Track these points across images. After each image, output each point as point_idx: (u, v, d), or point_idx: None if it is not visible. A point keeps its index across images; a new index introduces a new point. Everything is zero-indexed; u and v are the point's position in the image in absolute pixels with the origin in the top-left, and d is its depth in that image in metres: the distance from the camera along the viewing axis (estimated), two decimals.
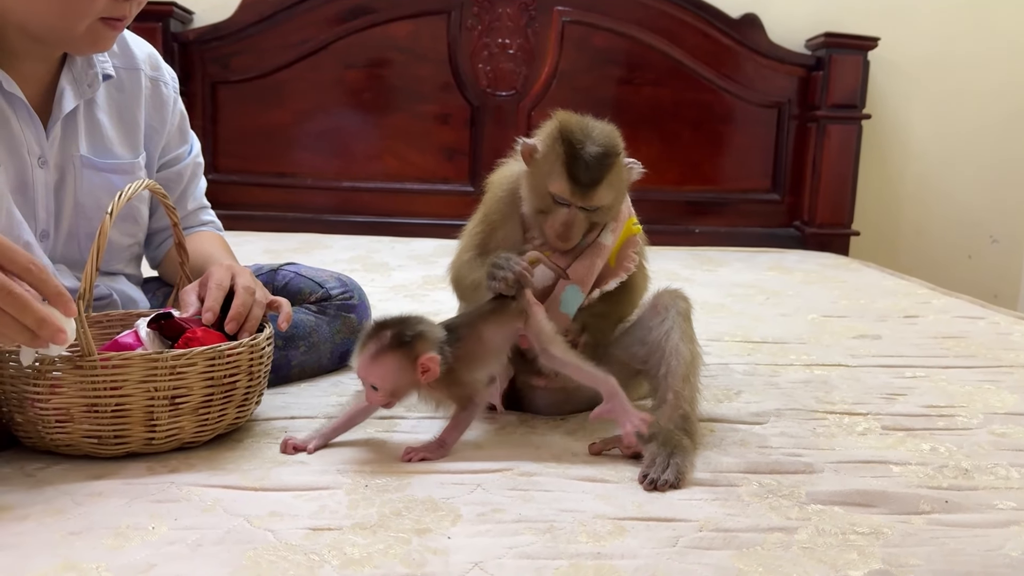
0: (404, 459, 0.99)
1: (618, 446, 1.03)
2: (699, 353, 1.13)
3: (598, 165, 1.07)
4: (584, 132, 1.08)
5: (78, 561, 0.74)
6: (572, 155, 1.07)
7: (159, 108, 1.28)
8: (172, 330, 1.02)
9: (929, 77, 3.17)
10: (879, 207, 3.21)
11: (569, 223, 1.09)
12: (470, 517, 0.85)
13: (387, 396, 1.01)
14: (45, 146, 1.12)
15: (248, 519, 0.83)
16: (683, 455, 0.98)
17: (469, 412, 1.05)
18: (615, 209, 1.14)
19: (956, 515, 0.90)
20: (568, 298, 1.13)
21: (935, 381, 1.40)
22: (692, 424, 1.06)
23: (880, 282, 2.40)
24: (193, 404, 0.98)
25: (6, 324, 0.83)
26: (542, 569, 0.76)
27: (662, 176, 3.01)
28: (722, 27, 2.98)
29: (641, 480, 0.95)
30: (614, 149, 1.09)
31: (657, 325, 1.13)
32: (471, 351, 1.04)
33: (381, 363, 0.99)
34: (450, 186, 2.93)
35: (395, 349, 0.98)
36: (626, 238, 1.17)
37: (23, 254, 0.84)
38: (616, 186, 1.11)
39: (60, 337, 0.85)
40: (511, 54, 2.92)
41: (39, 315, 0.83)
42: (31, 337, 0.85)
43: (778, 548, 0.81)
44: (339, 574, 0.73)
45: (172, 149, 1.32)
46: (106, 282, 1.24)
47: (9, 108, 1.09)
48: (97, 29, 1.06)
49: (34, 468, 0.95)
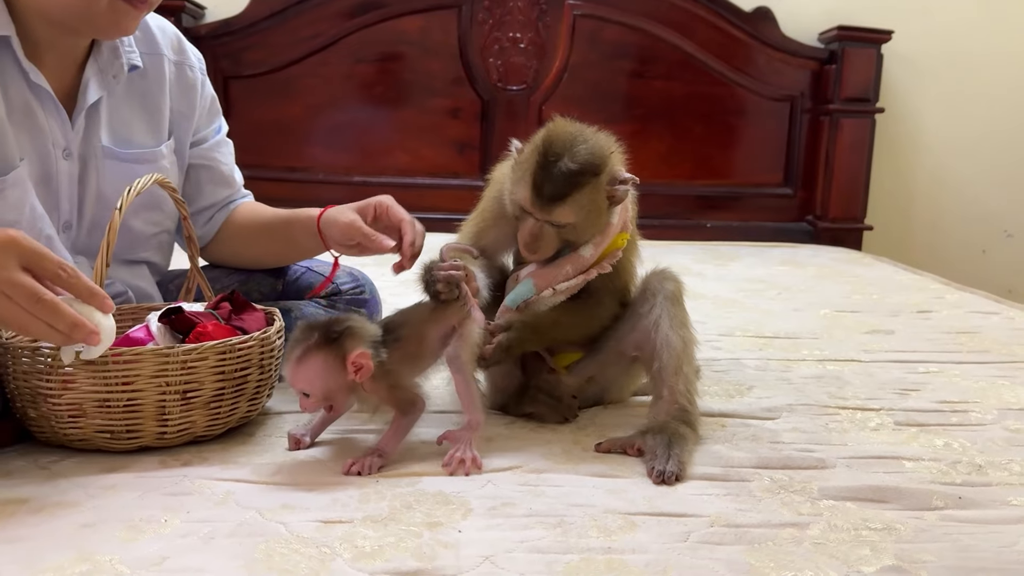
0: (343, 473, 0.93)
1: (626, 448, 1.02)
2: (691, 338, 1.10)
3: (564, 182, 1.02)
4: (565, 146, 1.03)
5: (92, 553, 0.75)
6: (542, 167, 1.02)
7: (186, 93, 1.28)
8: (183, 324, 1.02)
9: (943, 71, 3.15)
10: (892, 201, 3.19)
11: (536, 235, 1.05)
12: (481, 511, 0.85)
13: (320, 401, 0.96)
14: (70, 137, 1.13)
15: (260, 512, 0.83)
16: (681, 444, 0.99)
17: (410, 417, 0.99)
18: (591, 229, 1.07)
19: (969, 511, 0.89)
20: (517, 290, 1.09)
21: (949, 376, 1.39)
22: (690, 415, 1.06)
23: (893, 277, 2.39)
24: (205, 398, 0.98)
25: (40, 330, 0.85)
26: (553, 563, 0.75)
27: (673, 170, 3.00)
28: (734, 20, 2.97)
29: (650, 473, 0.95)
30: (591, 168, 1.03)
31: (646, 312, 1.11)
32: (411, 352, 0.99)
33: (308, 365, 0.93)
34: (460, 180, 2.93)
35: (321, 348, 0.93)
36: (609, 252, 1.11)
37: (53, 258, 0.85)
38: (587, 206, 1.04)
39: (93, 339, 0.87)
40: (522, 48, 2.91)
41: (71, 320, 0.85)
42: (65, 339, 0.86)
43: (790, 543, 0.81)
44: (351, 567, 0.73)
45: (202, 129, 1.32)
46: (124, 276, 1.24)
47: (35, 100, 1.09)
48: (118, 8, 1.04)
49: (47, 461, 0.95)
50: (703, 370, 1.35)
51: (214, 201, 1.34)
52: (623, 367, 1.16)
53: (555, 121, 1.08)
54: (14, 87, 1.06)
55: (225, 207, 1.35)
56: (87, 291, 0.87)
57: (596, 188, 1.04)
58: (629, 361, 1.14)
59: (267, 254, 1.34)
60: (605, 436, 1.06)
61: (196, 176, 1.32)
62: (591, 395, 1.20)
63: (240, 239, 1.33)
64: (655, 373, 1.09)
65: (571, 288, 1.09)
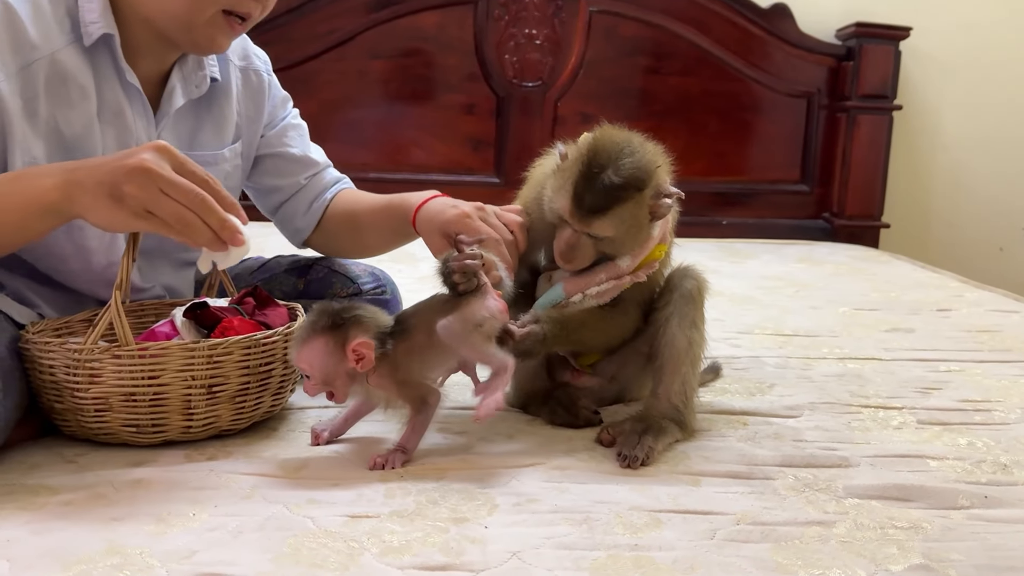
0: (368, 468, 0.93)
1: (600, 435, 1.04)
2: (699, 340, 1.09)
3: (606, 195, 0.99)
4: (611, 157, 1.00)
5: (122, 546, 0.75)
6: (585, 178, 1.00)
7: (253, 97, 1.28)
8: (208, 319, 1.03)
9: (961, 68, 3.12)
10: (909, 199, 3.17)
11: (572, 245, 1.03)
12: (506, 507, 0.85)
13: (320, 384, 0.95)
14: (154, 137, 1.14)
15: (287, 506, 0.84)
16: (656, 435, 1.01)
17: (424, 415, 0.97)
18: (630, 243, 1.05)
19: (996, 510, 0.89)
20: (548, 294, 1.08)
21: (970, 375, 1.39)
22: (681, 414, 1.06)
23: (911, 274, 2.38)
24: (230, 392, 0.99)
25: (193, 226, 0.90)
26: (580, 559, 0.76)
27: (689, 167, 2.94)
28: (751, 16, 2.95)
29: (617, 457, 0.98)
30: (635, 183, 1.00)
31: (661, 308, 1.10)
32: (419, 343, 0.97)
33: (311, 346, 0.94)
34: (475, 177, 2.92)
35: (325, 332, 0.93)
36: (646, 263, 1.09)
37: (200, 169, 0.93)
38: (628, 221, 1.02)
39: (239, 238, 0.93)
40: (538, 44, 2.91)
41: (222, 216, 0.91)
42: (212, 238, 0.91)
43: (816, 542, 0.81)
44: (379, 561, 0.74)
45: (272, 125, 1.33)
46: (168, 280, 1.24)
47: (126, 99, 1.10)
48: (218, 23, 1.07)
49: (73, 455, 0.96)
50: (724, 368, 1.36)
51: (296, 184, 1.33)
52: (641, 364, 1.16)
53: (602, 128, 1.05)
54: (108, 85, 1.08)
55: (320, 197, 1.34)
56: (229, 201, 0.93)
57: (639, 203, 1.01)
58: (645, 358, 1.14)
59: (367, 245, 1.35)
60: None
61: (269, 166, 1.33)
62: (611, 393, 1.20)
63: (341, 230, 1.34)
64: (655, 370, 1.09)
65: (602, 293, 1.07)
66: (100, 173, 0.89)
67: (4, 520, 0.80)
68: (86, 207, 0.90)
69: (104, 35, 1.05)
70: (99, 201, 0.89)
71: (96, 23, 1.04)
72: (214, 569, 0.72)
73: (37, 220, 0.93)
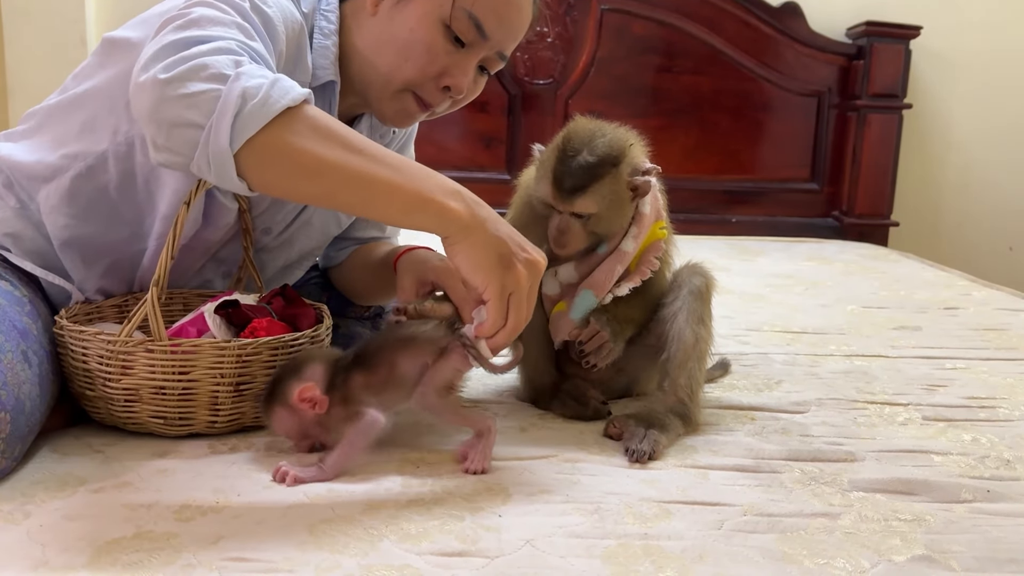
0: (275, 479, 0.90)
1: (608, 428, 1.07)
2: (706, 336, 1.11)
3: (584, 173, 1.05)
4: (584, 140, 1.07)
5: (150, 531, 0.78)
6: (561, 161, 1.06)
7: (406, 145, 1.35)
8: (239, 318, 1.05)
9: (971, 67, 3.13)
10: (919, 198, 3.18)
11: (563, 229, 1.08)
12: (519, 497, 0.88)
13: (304, 441, 0.97)
14: None
15: (308, 495, 0.87)
16: (661, 430, 1.03)
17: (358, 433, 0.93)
18: (616, 220, 1.10)
19: (998, 504, 0.91)
20: (580, 303, 1.12)
21: (976, 373, 1.41)
22: (687, 409, 1.08)
23: (920, 273, 2.39)
24: (256, 391, 1.01)
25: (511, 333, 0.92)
26: (592, 548, 0.78)
27: (700, 165, 3.01)
28: (762, 15, 2.97)
29: (625, 453, 1.00)
30: (609, 159, 1.06)
31: (669, 303, 1.13)
32: (380, 379, 0.96)
33: (273, 420, 0.96)
34: (487, 174, 2.95)
35: (272, 403, 0.95)
36: (650, 243, 1.14)
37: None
38: (609, 196, 1.07)
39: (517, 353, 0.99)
40: (549, 42, 2.93)
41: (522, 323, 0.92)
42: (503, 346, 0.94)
43: (822, 533, 0.83)
44: (398, 547, 0.77)
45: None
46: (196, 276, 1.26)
47: None
48: (405, 101, 1.11)
49: (101, 444, 0.99)
50: (732, 364, 1.38)
51: (362, 236, 1.36)
52: (649, 358, 1.18)
53: (575, 119, 1.11)
54: None
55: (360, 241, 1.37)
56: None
57: (616, 178, 1.07)
58: (653, 352, 1.17)
59: (369, 290, 1.34)
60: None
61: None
62: (620, 386, 1.23)
63: (353, 273, 1.35)
64: (662, 364, 1.12)
65: (628, 288, 1.12)
66: (502, 229, 0.91)
67: (37, 507, 0.83)
68: (470, 244, 0.90)
69: (330, 82, 1.11)
70: (486, 252, 0.89)
71: (326, 69, 1.10)
72: (240, 554, 0.75)
73: (420, 213, 0.92)
